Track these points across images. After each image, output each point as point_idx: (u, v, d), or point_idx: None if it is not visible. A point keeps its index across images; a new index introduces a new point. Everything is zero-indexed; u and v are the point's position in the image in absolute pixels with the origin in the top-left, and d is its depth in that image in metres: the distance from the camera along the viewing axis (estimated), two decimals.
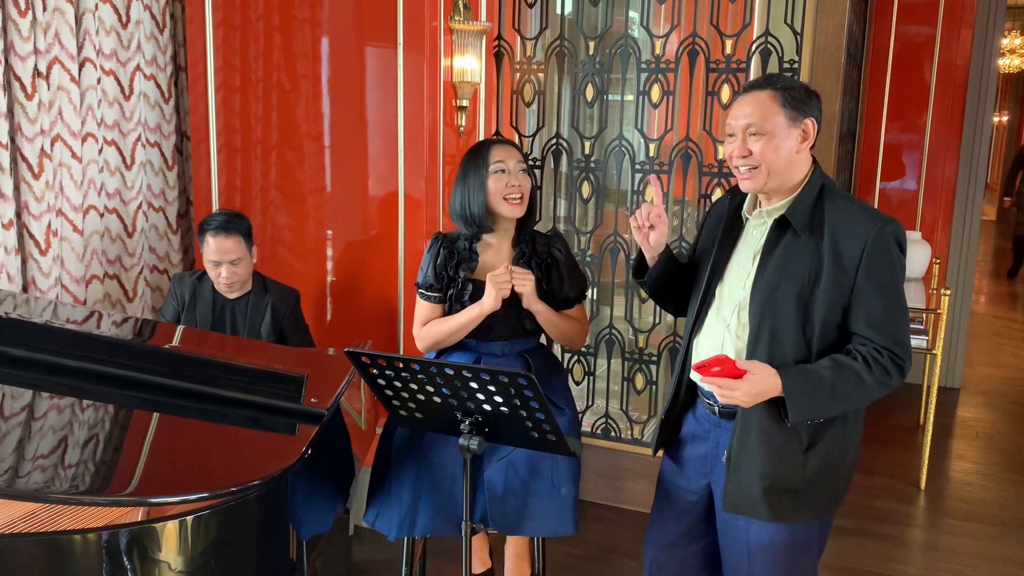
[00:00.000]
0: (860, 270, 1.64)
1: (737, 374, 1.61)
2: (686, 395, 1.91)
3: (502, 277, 2.07)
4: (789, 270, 1.67)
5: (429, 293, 2.23)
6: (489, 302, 2.09)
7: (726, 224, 1.82)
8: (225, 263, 2.57)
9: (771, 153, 1.67)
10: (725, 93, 2.88)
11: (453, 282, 2.20)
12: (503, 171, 2.15)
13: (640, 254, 1.92)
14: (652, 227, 1.84)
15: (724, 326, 1.78)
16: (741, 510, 1.76)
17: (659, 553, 1.98)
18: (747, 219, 1.81)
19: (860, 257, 1.64)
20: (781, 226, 1.71)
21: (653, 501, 2.01)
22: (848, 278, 1.65)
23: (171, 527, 1.41)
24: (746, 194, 1.81)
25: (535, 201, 2.25)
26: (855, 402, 1.69)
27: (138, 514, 1.43)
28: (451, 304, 2.21)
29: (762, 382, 1.62)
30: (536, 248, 2.22)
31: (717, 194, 2.95)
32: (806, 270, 1.66)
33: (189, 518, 1.41)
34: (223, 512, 1.45)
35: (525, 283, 2.10)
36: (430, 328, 2.22)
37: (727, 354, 1.70)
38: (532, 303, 2.13)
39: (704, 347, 1.82)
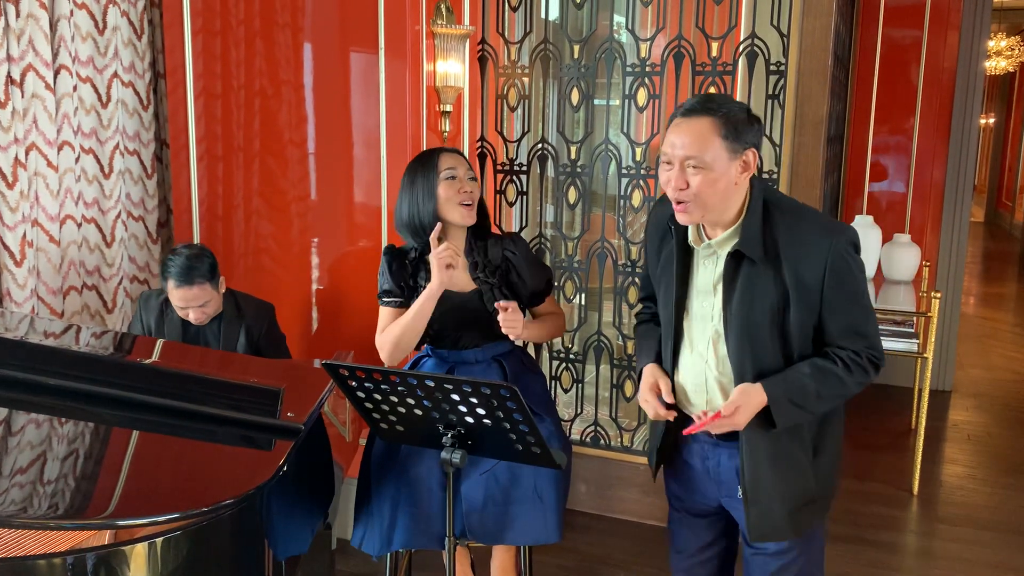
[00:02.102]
0: (825, 288, 1.63)
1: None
2: (677, 423, 1.87)
3: (444, 254, 2.03)
4: (757, 299, 1.65)
5: (390, 299, 2.19)
6: (436, 282, 2.05)
7: (678, 255, 1.75)
8: (192, 308, 2.48)
9: (708, 188, 1.60)
10: None
11: (415, 291, 2.17)
12: (454, 178, 2.12)
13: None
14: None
15: (703, 362, 1.75)
16: (767, 537, 1.77)
17: (684, 564, 1.99)
18: (695, 249, 1.75)
19: (823, 276, 1.63)
20: (735, 257, 1.67)
21: (669, 518, 2.02)
22: (815, 297, 1.64)
23: (140, 549, 1.36)
24: None
25: (485, 210, 2.22)
26: (834, 403, 1.72)
27: (105, 536, 1.38)
28: None
29: (750, 402, 1.64)
30: (488, 256, 2.19)
31: None
32: (773, 297, 1.64)
33: (159, 540, 1.36)
34: (194, 532, 1.40)
35: (514, 326, 2.04)
36: (388, 331, 2.16)
37: (712, 394, 1.74)
38: (520, 334, 2.07)
39: (689, 386, 1.79)
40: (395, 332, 2.15)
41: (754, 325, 1.65)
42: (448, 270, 2.05)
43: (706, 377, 1.74)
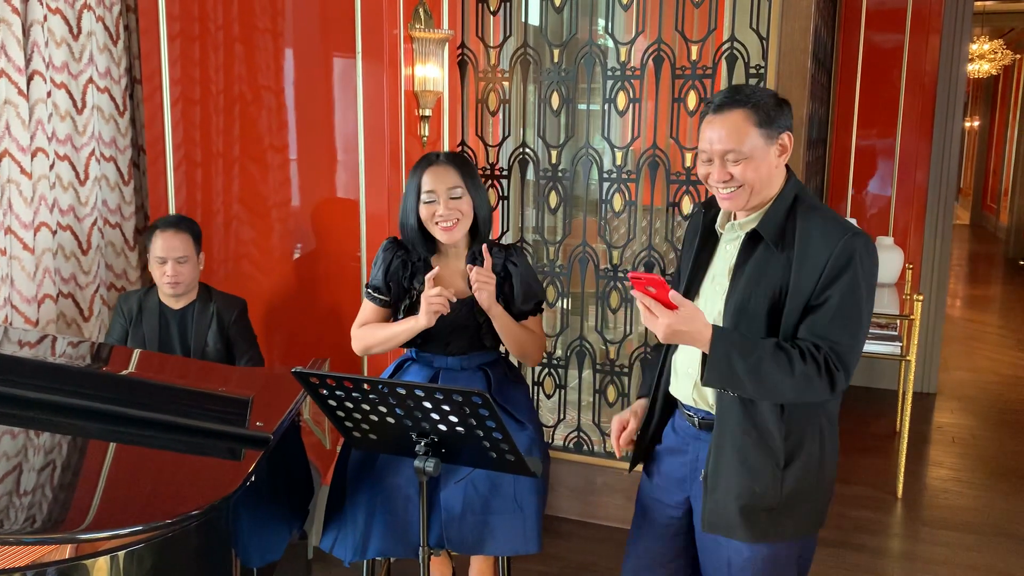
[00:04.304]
0: (821, 280, 1.60)
1: (669, 306, 1.56)
2: (663, 409, 1.87)
3: (435, 300, 2.00)
4: (762, 283, 1.64)
5: (375, 295, 2.18)
6: (423, 321, 2.03)
7: (700, 239, 1.78)
8: (171, 260, 2.58)
9: (752, 174, 1.63)
10: (692, 99, 2.84)
11: (408, 293, 2.15)
12: (432, 201, 2.08)
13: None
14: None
15: None
16: (718, 530, 1.73)
17: (638, 573, 1.93)
18: (721, 233, 1.77)
19: (823, 268, 1.60)
20: (753, 239, 1.67)
21: (632, 519, 1.98)
22: (810, 287, 1.61)
23: (102, 563, 1.33)
24: (719, 207, 1.77)
25: (480, 219, 2.15)
26: (773, 390, 1.60)
27: (67, 550, 1.34)
28: (405, 315, 2.15)
29: (689, 322, 1.56)
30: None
31: (686, 202, 2.91)
32: (778, 282, 1.63)
33: (121, 553, 1.33)
34: (159, 544, 1.37)
35: (485, 284, 2.03)
36: (365, 330, 2.18)
37: (699, 376, 1.68)
38: (491, 305, 2.06)
39: (682, 363, 1.78)
40: (369, 340, 2.17)
41: (752, 306, 1.63)
42: (436, 311, 2.02)
43: (702, 356, 1.67)
